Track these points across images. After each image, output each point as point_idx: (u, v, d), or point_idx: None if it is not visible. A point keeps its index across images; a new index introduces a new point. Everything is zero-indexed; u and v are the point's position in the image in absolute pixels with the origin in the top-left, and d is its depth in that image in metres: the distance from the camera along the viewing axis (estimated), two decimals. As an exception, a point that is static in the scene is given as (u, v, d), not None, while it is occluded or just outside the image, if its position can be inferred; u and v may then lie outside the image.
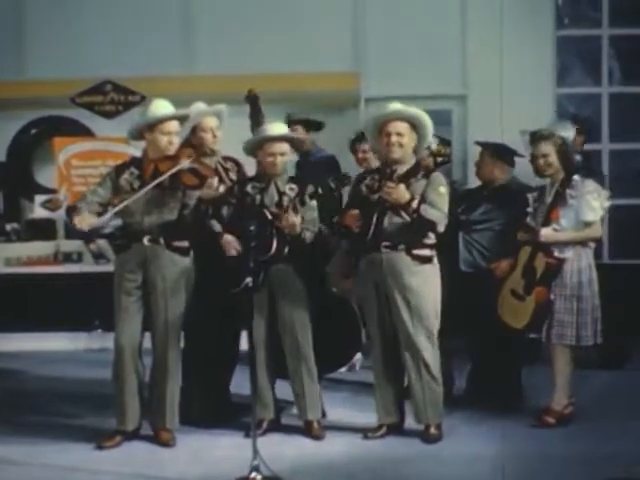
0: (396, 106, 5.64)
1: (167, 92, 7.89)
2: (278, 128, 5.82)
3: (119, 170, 5.63)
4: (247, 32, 8.77)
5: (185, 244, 5.58)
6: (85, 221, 5.40)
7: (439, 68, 8.64)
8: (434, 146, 6.52)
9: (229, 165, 6.05)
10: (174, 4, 8.98)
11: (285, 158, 5.74)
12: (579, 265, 5.72)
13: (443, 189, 5.57)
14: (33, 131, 9.25)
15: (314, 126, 7.40)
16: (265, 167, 5.76)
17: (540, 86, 8.62)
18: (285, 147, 5.74)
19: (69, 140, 8.72)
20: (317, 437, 5.68)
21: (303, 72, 8.52)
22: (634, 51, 8.76)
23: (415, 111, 5.63)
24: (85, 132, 9.07)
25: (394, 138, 5.55)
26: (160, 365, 5.59)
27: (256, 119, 6.28)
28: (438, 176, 5.64)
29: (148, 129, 5.51)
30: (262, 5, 8.83)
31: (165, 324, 5.54)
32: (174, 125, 5.51)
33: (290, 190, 5.70)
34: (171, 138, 5.48)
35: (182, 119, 5.61)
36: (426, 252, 5.56)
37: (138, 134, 5.60)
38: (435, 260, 5.60)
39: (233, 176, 6.01)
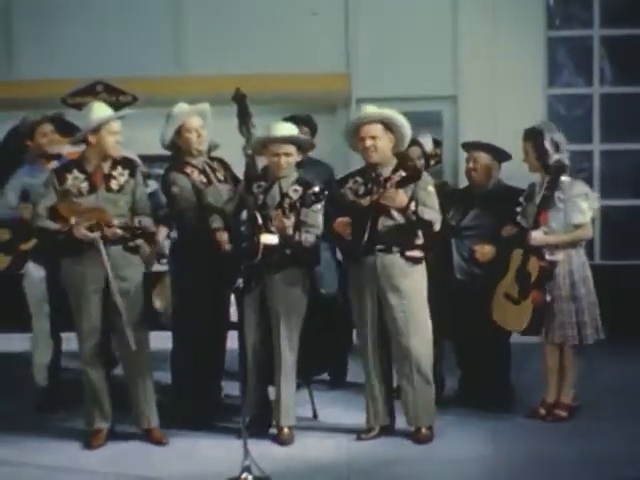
0: (368, 109, 5.62)
1: (158, 92, 7.93)
2: (284, 129, 5.73)
3: (60, 175, 5.58)
4: (238, 33, 8.73)
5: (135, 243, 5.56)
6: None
7: (430, 69, 8.61)
8: (429, 148, 6.50)
9: (216, 165, 6.03)
10: (165, 4, 8.95)
11: (290, 159, 5.66)
12: (570, 266, 5.76)
13: (431, 188, 5.57)
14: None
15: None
16: (270, 167, 5.72)
17: (531, 87, 8.60)
18: (290, 148, 5.66)
19: (61, 141, 8.67)
20: (285, 443, 5.60)
21: (294, 73, 8.49)
22: (625, 52, 8.75)
23: (385, 112, 5.59)
24: (76, 133, 9.03)
25: (368, 142, 5.54)
26: (133, 366, 5.60)
27: (243, 118, 6.25)
28: (425, 176, 5.63)
29: (92, 132, 5.51)
30: (253, 6, 8.80)
31: (131, 323, 5.50)
32: (118, 125, 5.57)
33: (294, 192, 5.63)
34: (117, 137, 5.53)
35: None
36: (417, 253, 5.57)
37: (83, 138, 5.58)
38: (423, 261, 5.60)
39: (220, 176, 5.99)
